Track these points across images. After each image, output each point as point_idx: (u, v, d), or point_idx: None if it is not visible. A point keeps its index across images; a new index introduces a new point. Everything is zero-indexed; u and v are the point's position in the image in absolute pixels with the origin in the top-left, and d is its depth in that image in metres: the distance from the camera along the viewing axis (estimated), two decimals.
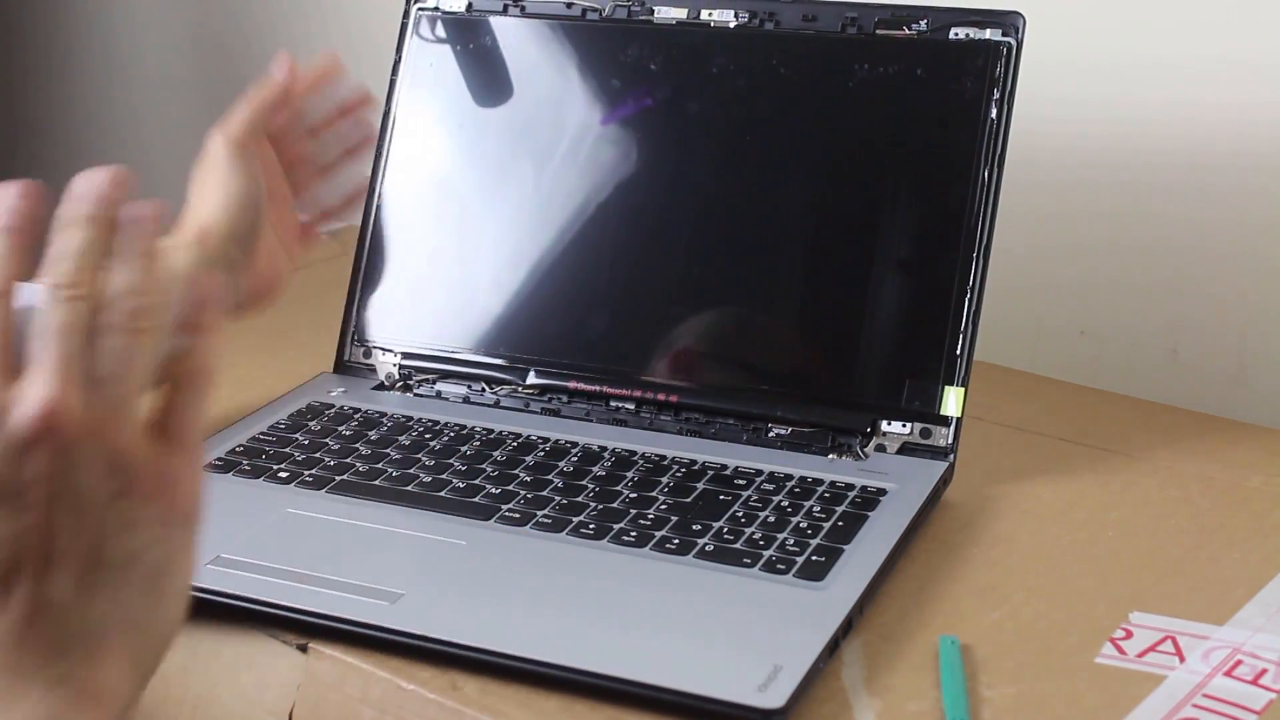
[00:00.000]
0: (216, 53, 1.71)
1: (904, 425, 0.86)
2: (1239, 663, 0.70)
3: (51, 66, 1.87)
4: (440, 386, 0.96)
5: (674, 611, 0.71)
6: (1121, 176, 1.10)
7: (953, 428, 0.85)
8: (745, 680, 0.65)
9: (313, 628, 0.72)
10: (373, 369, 0.98)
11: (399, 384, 0.97)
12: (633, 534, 0.77)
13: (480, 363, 0.95)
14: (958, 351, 0.85)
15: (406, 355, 0.97)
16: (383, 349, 0.98)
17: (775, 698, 0.64)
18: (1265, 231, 1.06)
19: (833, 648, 0.69)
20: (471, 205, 0.98)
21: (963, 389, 0.85)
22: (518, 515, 0.79)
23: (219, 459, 0.86)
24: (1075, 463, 0.90)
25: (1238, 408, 1.05)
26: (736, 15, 0.93)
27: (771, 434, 0.88)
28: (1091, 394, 1.01)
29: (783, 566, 0.74)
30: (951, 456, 0.85)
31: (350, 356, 0.99)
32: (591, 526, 0.78)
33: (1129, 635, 0.72)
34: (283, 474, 0.85)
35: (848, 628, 0.70)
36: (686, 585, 0.73)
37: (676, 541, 0.77)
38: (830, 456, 0.86)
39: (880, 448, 0.86)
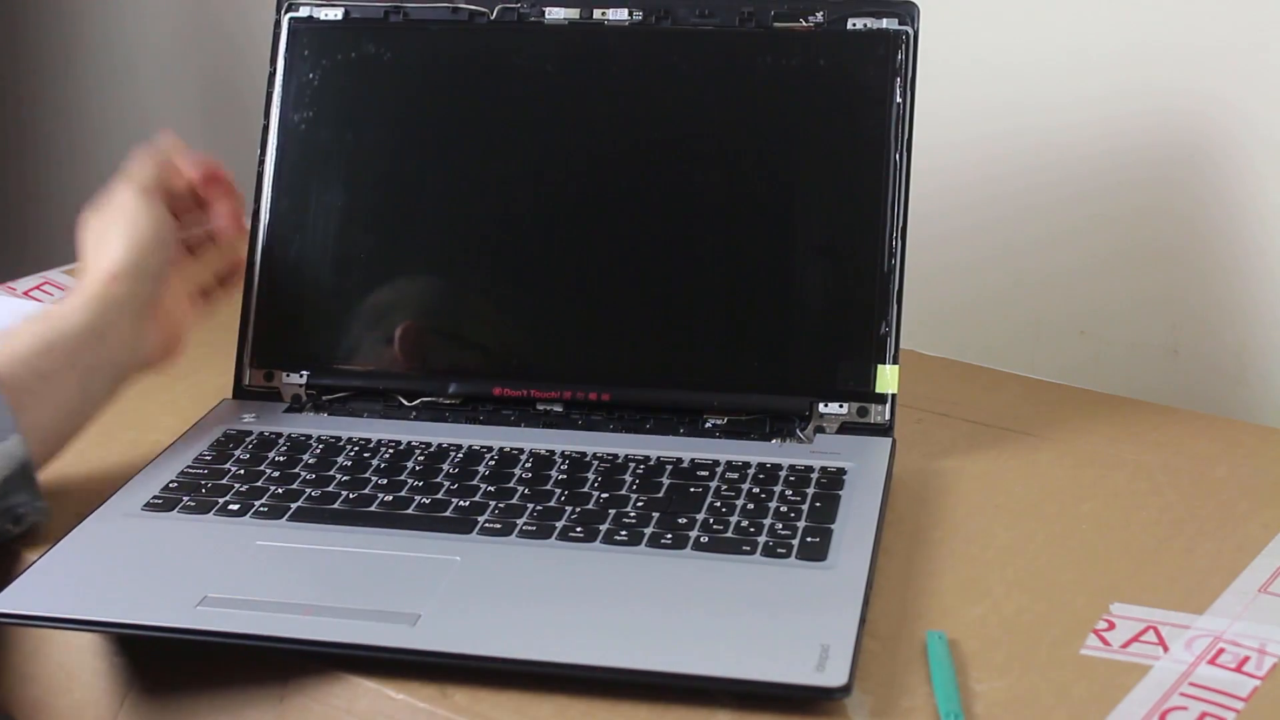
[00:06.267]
0: (216, 53, 1.64)
1: (841, 406, 0.89)
2: (1221, 650, 0.71)
3: (51, 66, 1.80)
4: (356, 404, 0.93)
5: (700, 604, 0.71)
6: (1121, 177, 1.11)
7: (889, 404, 0.88)
8: (800, 662, 0.66)
9: (333, 659, 0.70)
10: (276, 392, 0.95)
11: (308, 405, 0.94)
12: (623, 534, 0.77)
13: (394, 374, 0.93)
14: (885, 330, 0.88)
15: (314, 375, 0.94)
16: (287, 371, 0.95)
17: (836, 676, 0.65)
18: (1265, 231, 1.07)
19: (862, 622, 0.71)
20: (365, 218, 0.96)
21: (895, 366, 0.88)
22: (498, 525, 0.78)
23: (155, 498, 0.82)
24: (1039, 456, 0.92)
25: (1238, 408, 1.08)
26: (630, 13, 0.94)
27: (708, 425, 0.90)
28: (1046, 387, 1.02)
29: (782, 551, 0.75)
30: (892, 432, 0.88)
31: (250, 381, 0.95)
32: (579, 530, 0.78)
33: (1111, 626, 0.73)
34: (232, 506, 0.81)
35: (867, 601, 0.72)
36: (699, 578, 0.74)
37: (670, 537, 0.77)
38: (775, 441, 0.88)
39: (820, 429, 0.89)
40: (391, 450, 0.87)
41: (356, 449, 0.88)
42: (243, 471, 0.85)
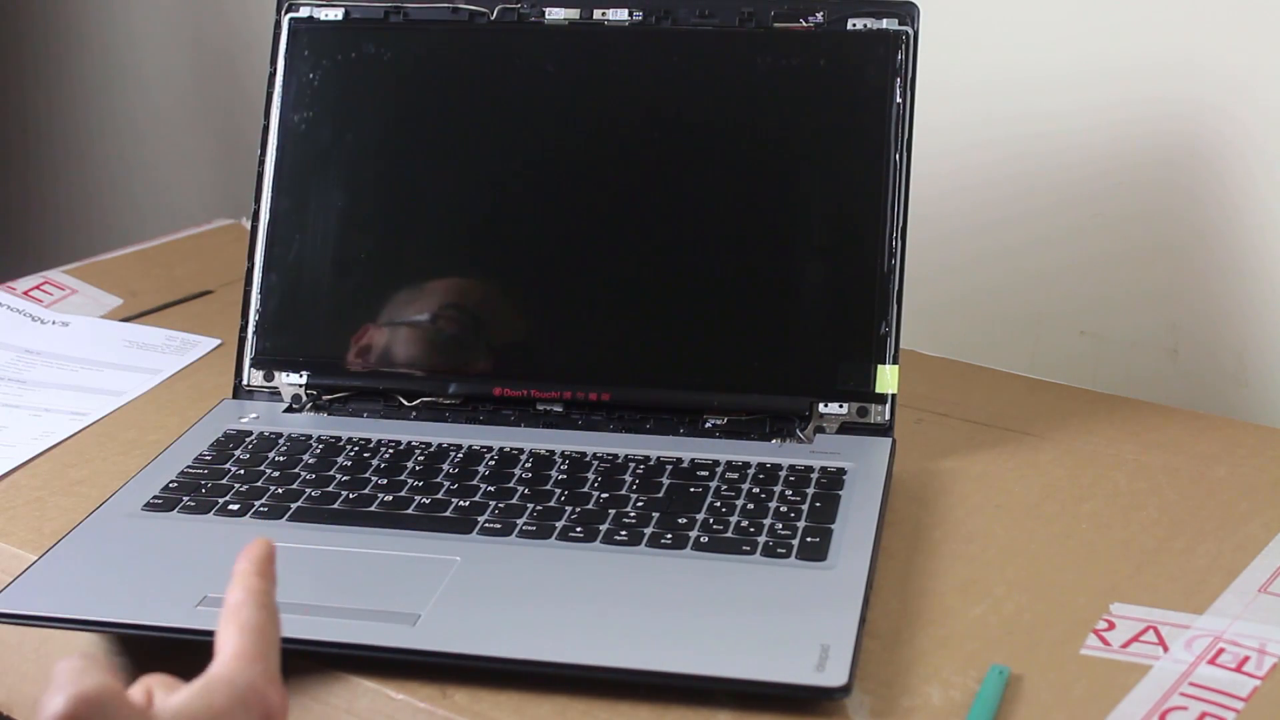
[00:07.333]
0: (216, 53, 1.64)
1: (840, 406, 0.89)
2: (1221, 650, 0.71)
3: (52, 66, 1.80)
4: (356, 404, 0.93)
5: (700, 604, 0.71)
6: (1121, 178, 1.11)
7: (889, 404, 0.88)
8: (801, 662, 0.66)
9: (334, 659, 0.69)
10: (276, 392, 0.95)
11: (308, 405, 0.94)
12: (623, 534, 0.77)
13: (394, 374, 0.93)
14: (885, 330, 0.88)
15: (314, 374, 0.94)
16: (287, 371, 0.95)
17: (836, 676, 0.65)
18: (1265, 231, 1.06)
19: (863, 622, 0.70)
20: (365, 218, 0.96)
21: (895, 366, 0.88)
22: (498, 526, 0.79)
23: (155, 498, 0.82)
24: (1039, 456, 0.92)
25: (1238, 408, 1.07)
26: (631, 14, 0.94)
27: (708, 425, 0.90)
28: (1046, 387, 1.02)
29: (782, 551, 0.76)
30: (892, 432, 0.88)
31: (250, 381, 0.95)
32: (579, 530, 0.78)
33: (1111, 626, 0.73)
34: (233, 506, 0.81)
35: (867, 601, 0.72)
36: (699, 578, 0.74)
37: (670, 537, 0.77)
38: (775, 441, 0.88)
39: (820, 429, 0.89)
40: (391, 450, 0.87)
41: (356, 449, 0.88)
42: (243, 471, 0.85)
